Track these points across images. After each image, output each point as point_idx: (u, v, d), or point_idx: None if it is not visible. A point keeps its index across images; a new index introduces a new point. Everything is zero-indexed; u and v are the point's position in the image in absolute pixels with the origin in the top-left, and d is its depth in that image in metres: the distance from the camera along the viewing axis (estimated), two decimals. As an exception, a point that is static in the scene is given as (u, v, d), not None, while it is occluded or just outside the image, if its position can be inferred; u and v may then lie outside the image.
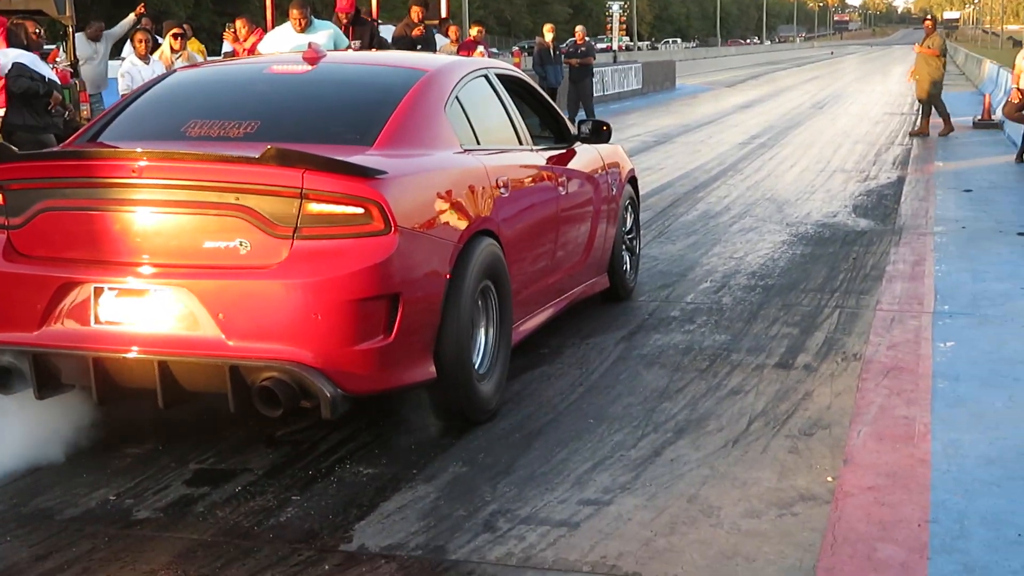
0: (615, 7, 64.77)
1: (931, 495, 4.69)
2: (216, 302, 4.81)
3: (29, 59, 11.30)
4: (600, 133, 7.62)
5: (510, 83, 7.01)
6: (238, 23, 15.08)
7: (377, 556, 4.27)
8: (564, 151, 7.27)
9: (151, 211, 4.96)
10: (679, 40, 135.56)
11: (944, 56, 21.50)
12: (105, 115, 6.13)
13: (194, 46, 14.46)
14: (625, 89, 38.02)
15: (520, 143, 6.75)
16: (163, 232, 4.96)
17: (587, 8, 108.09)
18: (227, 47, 15.70)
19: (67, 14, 14.02)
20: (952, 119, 21.29)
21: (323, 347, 4.79)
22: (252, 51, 13.06)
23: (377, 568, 4.17)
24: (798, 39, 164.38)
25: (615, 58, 51.53)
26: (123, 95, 12.94)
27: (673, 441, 5.43)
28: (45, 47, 13.88)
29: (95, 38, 15.39)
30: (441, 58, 7.49)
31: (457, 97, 6.14)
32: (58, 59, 13.98)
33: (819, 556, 4.19)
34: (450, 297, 5.29)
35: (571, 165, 7.21)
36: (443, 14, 20.06)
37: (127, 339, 4.90)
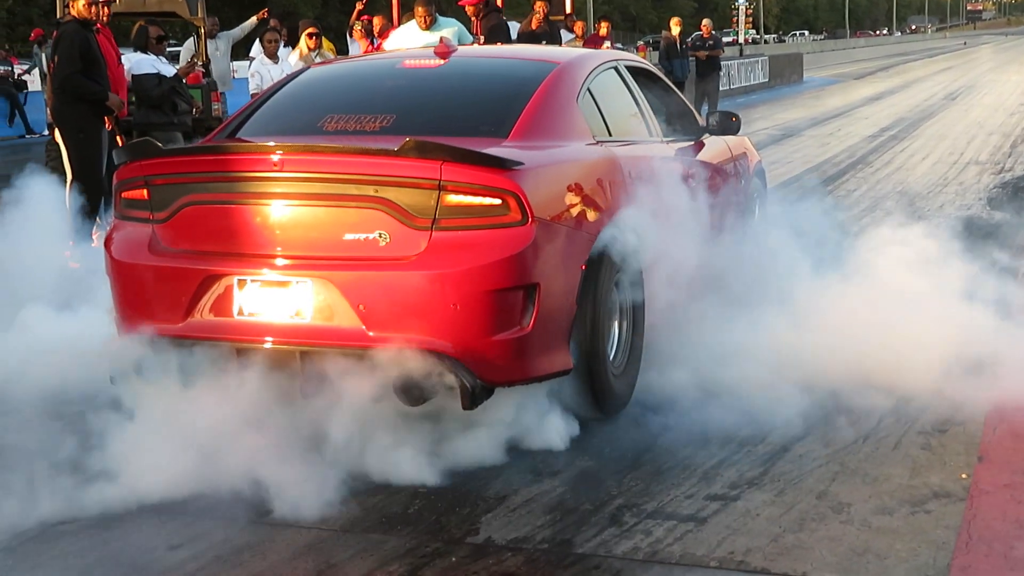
0: (741, 0, 64.13)
1: (1071, 493, 4.57)
2: (356, 293, 4.90)
3: (149, 62, 11.63)
4: (729, 125, 7.60)
5: (639, 75, 7.06)
6: (376, 19, 15.31)
7: (504, 549, 4.29)
8: (693, 142, 7.26)
9: (292, 204, 5.07)
10: (807, 32, 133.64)
11: None
12: (242, 112, 6.24)
13: (325, 45, 14.66)
14: (752, 83, 37.66)
15: (650, 135, 6.78)
16: (303, 225, 5.06)
17: (713, 2, 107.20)
18: (355, 47, 15.90)
19: (199, 15, 14.34)
20: None
21: (462, 337, 4.85)
22: (380, 49, 13.21)
23: (504, 561, 4.19)
24: (929, 29, 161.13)
25: (741, 51, 51.03)
26: (254, 94, 13.20)
27: (801, 437, 5.36)
28: (170, 49, 14.24)
29: (210, 35, 15.64)
30: (571, 51, 7.53)
31: (588, 89, 6.18)
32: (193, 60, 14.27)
33: (953, 554, 4.11)
34: (585, 288, 5.30)
35: (700, 157, 7.17)
36: (567, 9, 20.07)
37: (269, 330, 5.01)
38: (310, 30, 13.63)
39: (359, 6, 16.25)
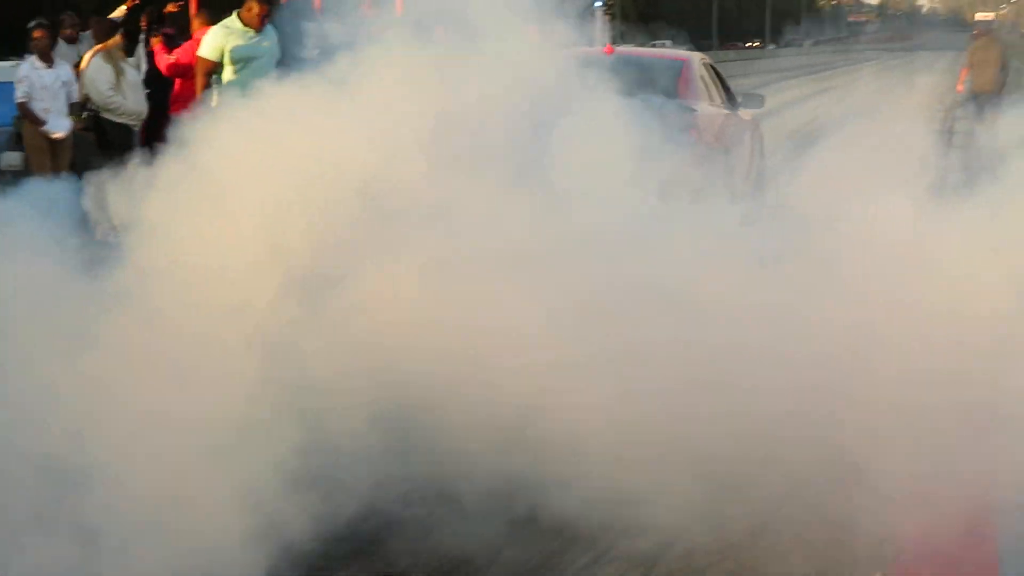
0: (596, 4, 65.21)
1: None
2: None
3: None
4: (754, 100, 14.57)
5: (709, 68, 13.68)
6: (195, 21, 14.90)
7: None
8: (740, 110, 13.92)
9: None
10: (669, 43, 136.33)
11: None
12: None
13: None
14: (608, 99, 38.13)
15: (724, 103, 13.37)
16: None
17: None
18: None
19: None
20: None
21: None
22: (195, 48, 12.71)
23: None
24: (806, 43, 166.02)
25: (596, 64, 51.73)
26: (20, 102, 12.72)
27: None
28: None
29: (73, 40, 14.39)
30: (682, 51, 15.05)
31: (700, 75, 12.88)
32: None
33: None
34: None
35: (747, 118, 14.08)
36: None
37: None
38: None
39: (171, 7, 15.46)
